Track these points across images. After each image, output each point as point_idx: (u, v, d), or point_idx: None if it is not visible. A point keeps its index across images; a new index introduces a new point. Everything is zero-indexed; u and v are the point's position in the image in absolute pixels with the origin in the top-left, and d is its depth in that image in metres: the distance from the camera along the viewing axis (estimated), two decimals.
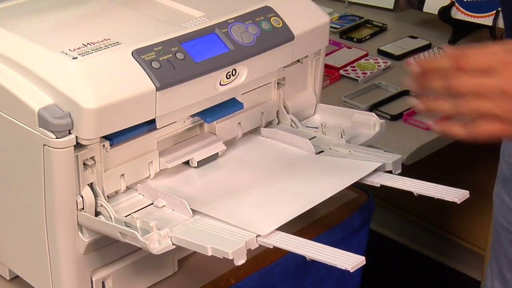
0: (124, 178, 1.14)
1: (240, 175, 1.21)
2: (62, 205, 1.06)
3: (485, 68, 0.92)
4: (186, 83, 1.11)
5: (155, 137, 1.16)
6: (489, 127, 0.94)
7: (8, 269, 1.22)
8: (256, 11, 1.21)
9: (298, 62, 1.30)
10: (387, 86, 1.81)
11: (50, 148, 1.03)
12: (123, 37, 1.11)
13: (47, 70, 1.04)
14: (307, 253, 1.02)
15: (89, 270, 1.14)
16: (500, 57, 0.92)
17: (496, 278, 1.49)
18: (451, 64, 0.93)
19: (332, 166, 1.22)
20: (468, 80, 0.93)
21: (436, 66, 0.95)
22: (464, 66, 0.92)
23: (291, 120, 1.33)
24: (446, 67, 0.94)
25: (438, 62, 0.95)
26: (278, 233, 1.06)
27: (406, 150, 1.59)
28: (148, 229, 1.04)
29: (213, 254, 1.02)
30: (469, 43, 2.02)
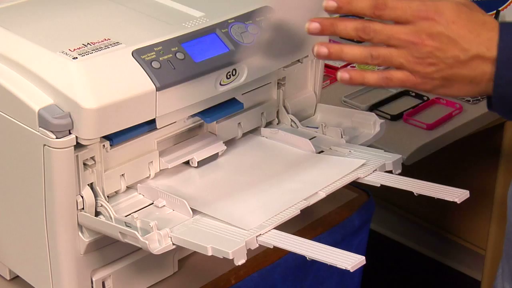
0: (124, 178, 1.14)
1: (240, 175, 1.21)
2: (62, 205, 1.06)
3: (400, 19, 0.93)
4: (186, 83, 1.11)
5: (155, 137, 1.16)
6: (399, 76, 0.95)
7: (8, 269, 1.22)
8: (256, 11, 1.21)
9: (298, 62, 1.30)
10: None
11: (50, 148, 1.03)
12: (123, 37, 1.11)
13: (47, 70, 1.04)
14: (307, 253, 1.02)
15: (89, 270, 1.14)
16: (416, 10, 0.92)
17: (507, 280, 1.49)
18: (369, 7, 0.93)
19: (330, 165, 1.22)
20: (380, 25, 0.93)
21: (354, 6, 0.94)
22: (380, 13, 0.92)
23: (291, 120, 1.33)
24: (363, 9, 0.94)
25: (357, 2, 0.94)
26: (278, 233, 1.06)
27: (406, 150, 1.59)
28: (148, 229, 1.04)
29: (213, 254, 1.02)
30: None
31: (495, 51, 0.94)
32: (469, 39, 0.94)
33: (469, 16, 0.94)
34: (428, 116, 1.69)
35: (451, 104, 1.73)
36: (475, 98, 1.76)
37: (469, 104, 1.74)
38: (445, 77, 0.95)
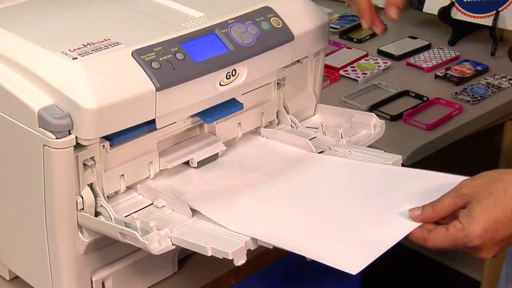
0: (124, 178, 1.14)
1: (240, 176, 1.21)
2: (62, 205, 1.06)
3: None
4: (186, 84, 1.11)
5: (155, 137, 1.16)
6: None
7: (8, 270, 1.22)
8: (256, 11, 1.21)
9: (298, 63, 1.30)
10: (387, 87, 1.81)
11: (50, 149, 1.03)
12: (123, 38, 1.11)
13: (47, 71, 1.04)
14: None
15: (89, 270, 1.14)
16: (460, 245, 1.04)
17: (510, 281, 1.49)
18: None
19: (335, 167, 1.22)
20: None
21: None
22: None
23: (291, 120, 1.33)
24: None
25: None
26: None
27: (406, 151, 1.59)
28: (148, 229, 1.04)
29: (213, 254, 1.02)
30: (469, 43, 2.02)
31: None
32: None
33: (500, 216, 1.01)
34: (428, 117, 1.69)
35: (451, 105, 1.73)
36: (475, 99, 1.76)
37: (469, 104, 1.74)
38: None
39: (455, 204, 1.04)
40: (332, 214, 1.09)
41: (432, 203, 1.05)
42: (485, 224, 1.01)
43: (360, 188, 1.15)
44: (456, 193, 1.04)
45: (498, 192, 1.02)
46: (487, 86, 1.81)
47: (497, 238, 1.02)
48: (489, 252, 1.03)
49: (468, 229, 1.01)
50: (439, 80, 1.85)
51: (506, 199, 1.01)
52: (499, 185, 1.02)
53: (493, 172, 1.05)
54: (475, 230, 1.01)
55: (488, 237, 1.01)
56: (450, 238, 1.03)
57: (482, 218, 1.01)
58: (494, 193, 1.01)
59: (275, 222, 1.09)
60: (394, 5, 1.26)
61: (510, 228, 1.02)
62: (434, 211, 1.04)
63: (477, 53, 1.97)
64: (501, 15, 1.92)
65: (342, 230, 1.05)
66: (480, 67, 1.89)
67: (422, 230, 1.04)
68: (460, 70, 1.87)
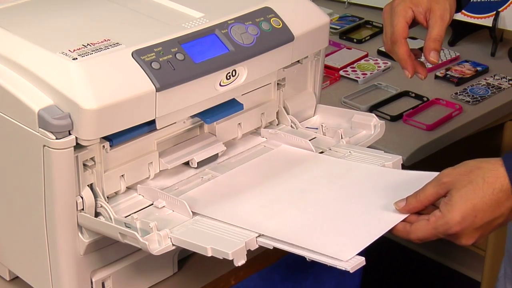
0: (124, 178, 1.14)
1: (240, 176, 1.21)
2: (62, 205, 1.06)
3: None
4: (186, 84, 1.11)
5: (155, 137, 1.16)
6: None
7: (8, 270, 1.22)
8: (256, 12, 1.21)
9: (298, 63, 1.30)
10: (387, 87, 1.81)
11: (50, 149, 1.03)
12: (123, 38, 1.11)
13: (47, 71, 1.04)
14: (307, 254, 1.02)
15: (89, 270, 1.14)
16: (442, 232, 1.06)
17: (509, 280, 1.49)
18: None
19: (335, 168, 1.22)
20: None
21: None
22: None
23: (291, 121, 1.33)
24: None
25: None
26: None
27: (406, 151, 1.59)
28: (148, 229, 1.04)
29: (213, 254, 1.02)
30: (469, 44, 2.02)
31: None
32: (495, 212, 1.05)
33: (478, 203, 1.04)
34: (428, 117, 1.69)
35: (451, 105, 1.73)
36: (475, 99, 1.76)
37: (469, 105, 1.74)
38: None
39: (436, 192, 1.06)
40: (325, 210, 1.12)
41: (415, 193, 1.08)
42: (464, 211, 1.03)
43: (353, 187, 1.17)
44: (437, 182, 1.07)
45: (477, 180, 1.04)
46: (487, 86, 1.82)
47: (476, 225, 1.04)
48: (469, 239, 1.06)
49: (447, 217, 1.04)
50: (439, 81, 1.85)
51: (484, 187, 1.04)
52: (478, 173, 1.05)
53: (473, 161, 1.08)
54: (454, 217, 1.04)
55: (467, 224, 1.04)
56: (431, 227, 1.05)
57: (461, 205, 1.04)
58: (473, 181, 1.04)
59: (273, 216, 1.10)
60: (433, 49, 1.27)
61: (488, 215, 1.05)
62: (417, 200, 1.07)
63: (477, 53, 1.97)
64: (501, 15, 1.92)
65: (334, 224, 1.09)
66: (480, 68, 1.89)
67: (405, 224, 1.07)
68: (460, 71, 1.88)
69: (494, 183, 1.04)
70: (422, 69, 1.30)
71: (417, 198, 1.07)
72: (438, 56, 1.27)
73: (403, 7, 1.28)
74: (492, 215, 1.05)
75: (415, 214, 1.08)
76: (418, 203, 1.07)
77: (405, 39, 1.28)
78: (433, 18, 1.28)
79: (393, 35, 1.28)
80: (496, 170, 1.05)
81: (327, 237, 1.06)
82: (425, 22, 1.29)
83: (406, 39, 1.28)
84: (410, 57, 1.28)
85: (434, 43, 1.27)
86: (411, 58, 1.28)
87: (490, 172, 1.05)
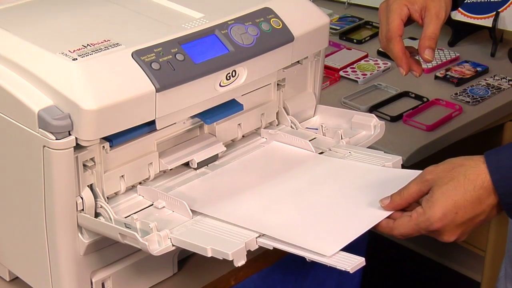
0: (124, 179, 1.14)
1: (240, 176, 1.21)
2: (62, 206, 1.06)
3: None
4: (186, 84, 1.11)
5: (155, 138, 1.16)
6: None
7: (8, 270, 1.22)
8: (256, 12, 1.21)
9: (298, 63, 1.30)
10: (387, 87, 1.81)
11: (50, 150, 1.03)
12: (123, 38, 1.11)
13: (47, 71, 1.05)
14: (307, 254, 1.02)
15: (89, 271, 1.14)
16: (423, 230, 1.07)
17: (510, 280, 1.49)
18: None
19: (336, 168, 1.22)
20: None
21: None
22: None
23: (291, 121, 1.33)
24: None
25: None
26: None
27: (406, 151, 1.59)
28: (148, 230, 1.04)
29: (213, 255, 1.02)
30: (469, 44, 2.02)
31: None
32: (476, 209, 1.05)
33: (459, 200, 1.05)
34: (428, 117, 1.69)
35: (451, 106, 1.73)
36: (475, 99, 1.76)
37: (469, 105, 1.74)
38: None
39: (420, 190, 1.08)
40: (316, 209, 1.13)
41: (399, 191, 1.09)
42: (445, 208, 1.04)
43: (344, 185, 1.19)
44: (420, 179, 1.08)
45: (458, 177, 1.05)
46: (487, 87, 1.82)
47: (457, 222, 1.05)
48: (451, 235, 1.07)
49: (428, 213, 1.05)
50: (439, 81, 1.85)
51: (465, 184, 1.05)
52: (459, 171, 1.06)
53: (456, 159, 1.09)
54: (435, 214, 1.05)
55: (448, 220, 1.05)
56: (413, 223, 1.06)
57: (442, 202, 1.05)
58: (454, 178, 1.05)
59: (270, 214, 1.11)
60: (428, 47, 1.27)
61: (470, 212, 1.05)
62: (401, 198, 1.09)
63: (477, 54, 1.97)
64: (501, 16, 1.92)
65: (321, 221, 1.10)
66: (480, 68, 1.89)
67: (388, 220, 1.09)
68: (460, 71, 1.88)
69: (475, 180, 1.05)
70: (417, 67, 1.31)
71: (401, 196, 1.09)
72: (433, 54, 1.28)
73: (399, 5, 1.29)
74: (473, 212, 1.05)
75: (400, 211, 1.09)
76: (402, 200, 1.09)
77: (400, 37, 1.29)
78: (429, 16, 1.29)
79: (388, 32, 1.29)
80: (478, 167, 1.05)
81: (312, 234, 1.07)
82: (420, 20, 1.30)
83: (401, 37, 1.29)
84: (405, 55, 1.29)
85: (429, 41, 1.28)
86: (406, 55, 1.29)
87: (472, 169, 1.05)
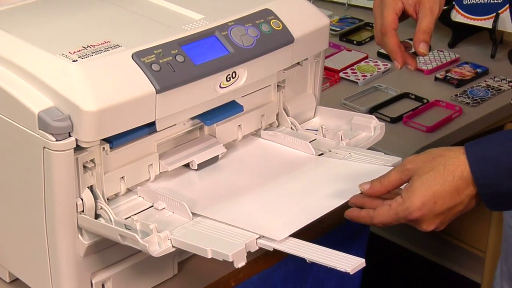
0: (124, 180, 1.14)
1: (240, 178, 1.21)
2: (62, 207, 1.06)
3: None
4: (186, 86, 1.11)
5: (155, 139, 1.16)
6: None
7: (8, 272, 1.22)
8: (256, 14, 1.21)
9: (298, 65, 1.30)
10: (387, 89, 1.81)
11: (50, 151, 1.03)
12: (123, 40, 1.11)
13: (47, 73, 1.05)
14: (307, 256, 1.02)
15: (89, 272, 1.14)
16: (401, 219, 1.08)
17: (505, 279, 1.50)
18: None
19: (336, 169, 1.22)
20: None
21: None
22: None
23: (291, 122, 1.33)
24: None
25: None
26: None
27: (406, 153, 1.58)
28: (148, 231, 1.04)
29: (213, 256, 1.02)
30: (469, 45, 2.02)
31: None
32: (455, 200, 1.06)
33: (438, 190, 1.06)
34: (428, 119, 1.69)
35: (451, 107, 1.73)
36: (475, 101, 1.76)
37: (469, 106, 1.74)
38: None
39: (400, 178, 1.09)
40: (288, 201, 1.16)
41: (380, 178, 1.11)
42: (423, 197, 1.05)
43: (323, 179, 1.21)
44: (401, 168, 1.09)
45: (438, 167, 1.06)
46: (487, 88, 1.82)
47: (436, 211, 1.06)
48: (429, 225, 1.08)
49: (407, 202, 1.06)
50: (439, 82, 1.85)
51: (445, 174, 1.05)
52: (439, 161, 1.06)
53: (436, 149, 1.09)
54: (414, 203, 1.06)
55: (427, 210, 1.06)
56: (392, 213, 1.07)
57: (421, 191, 1.05)
58: (434, 168, 1.06)
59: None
60: (423, 41, 1.28)
61: (448, 202, 1.06)
62: (381, 185, 1.10)
63: (477, 55, 1.97)
64: (501, 17, 1.92)
65: (279, 209, 1.13)
66: (480, 69, 1.89)
67: (368, 210, 1.10)
68: (460, 72, 1.87)
69: (454, 170, 1.05)
70: (411, 61, 1.31)
71: (381, 183, 1.10)
72: (427, 48, 1.28)
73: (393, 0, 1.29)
74: (452, 202, 1.06)
75: (379, 199, 1.10)
76: (382, 188, 1.10)
77: (395, 30, 1.29)
78: (423, 10, 1.29)
79: (383, 26, 1.29)
80: (457, 158, 1.06)
81: (267, 221, 1.09)
82: (414, 14, 1.31)
83: (395, 31, 1.29)
84: (400, 48, 1.29)
85: (424, 35, 1.28)
86: (401, 49, 1.30)
87: (452, 160, 1.06)
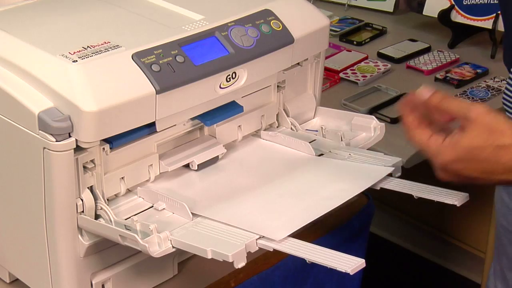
0: (124, 181, 1.14)
1: (240, 178, 1.21)
2: (62, 208, 1.06)
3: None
4: (186, 86, 1.11)
5: (155, 140, 1.16)
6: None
7: (8, 272, 1.22)
8: (256, 14, 1.21)
9: (298, 65, 1.30)
10: (387, 89, 1.81)
11: (50, 151, 1.03)
12: (123, 40, 1.11)
13: (47, 73, 1.05)
14: (307, 256, 1.02)
15: (89, 273, 1.14)
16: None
17: (498, 278, 1.50)
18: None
19: (336, 169, 1.22)
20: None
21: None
22: None
23: (291, 123, 1.33)
24: None
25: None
26: None
27: (406, 153, 1.59)
28: (148, 232, 1.04)
29: (213, 257, 1.02)
30: (469, 46, 2.02)
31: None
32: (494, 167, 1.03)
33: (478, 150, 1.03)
34: None
35: None
36: (475, 101, 1.76)
37: None
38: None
39: (458, 111, 1.05)
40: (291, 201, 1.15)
41: (444, 95, 1.07)
42: (457, 156, 1.04)
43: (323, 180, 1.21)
44: (467, 109, 1.04)
45: (491, 141, 1.03)
46: (487, 88, 1.82)
47: (457, 172, 1.05)
48: (445, 177, 1.08)
49: (442, 148, 1.06)
50: (439, 83, 1.85)
51: (492, 154, 1.02)
52: (496, 138, 1.03)
53: (502, 122, 1.05)
54: (446, 156, 1.05)
55: (453, 168, 1.05)
56: (424, 145, 1.09)
57: (457, 150, 1.04)
58: (487, 141, 1.03)
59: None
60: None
61: (473, 173, 1.04)
62: (441, 98, 1.06)
63: (477, 55, 1.97)
64: (501, 18, 1.92)
65: (279, 209, 1.13)
66: (480, 70, 1.89)
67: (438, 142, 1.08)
68: (460, 73, 1.88)
69: (504, 155, 1.02)
70: None
71: (442, 97, 1.06)
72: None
73: None
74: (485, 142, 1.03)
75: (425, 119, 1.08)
76: (439, 101, 1.06)
77: None
78: None
79: None
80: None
81: (267, 221, 1.09)
82: None
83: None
84: None
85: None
86: None
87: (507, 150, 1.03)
